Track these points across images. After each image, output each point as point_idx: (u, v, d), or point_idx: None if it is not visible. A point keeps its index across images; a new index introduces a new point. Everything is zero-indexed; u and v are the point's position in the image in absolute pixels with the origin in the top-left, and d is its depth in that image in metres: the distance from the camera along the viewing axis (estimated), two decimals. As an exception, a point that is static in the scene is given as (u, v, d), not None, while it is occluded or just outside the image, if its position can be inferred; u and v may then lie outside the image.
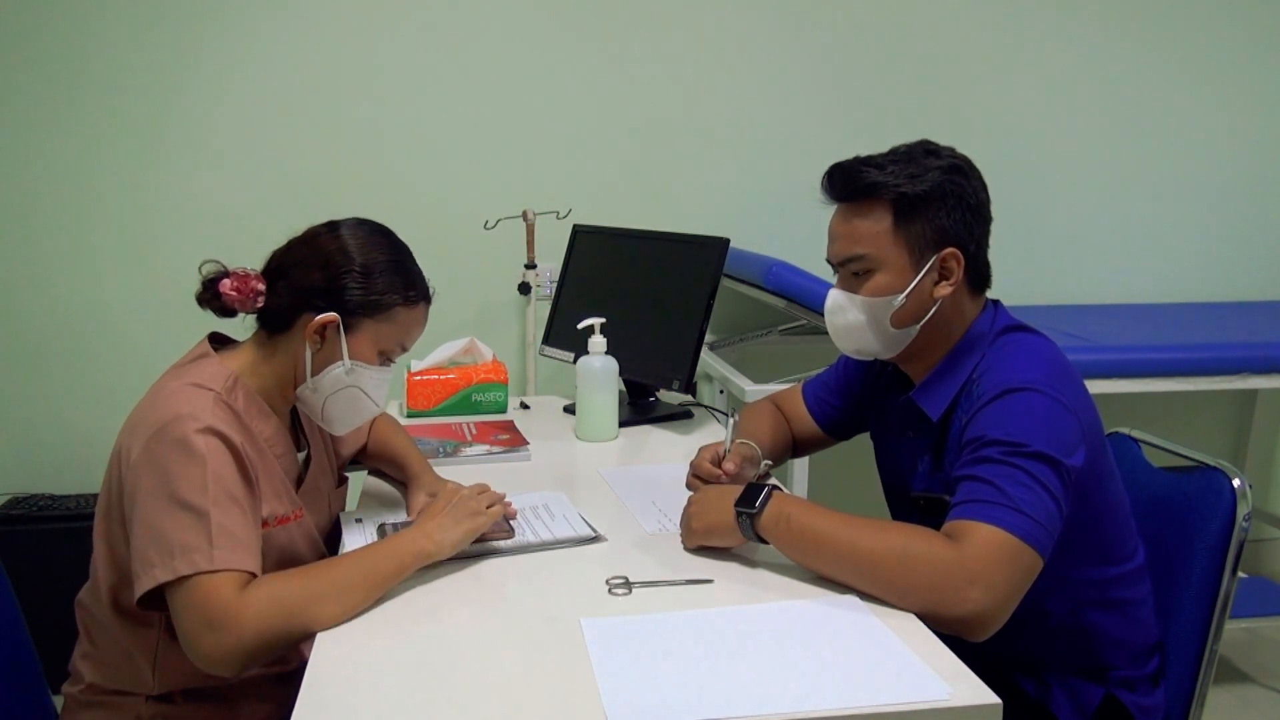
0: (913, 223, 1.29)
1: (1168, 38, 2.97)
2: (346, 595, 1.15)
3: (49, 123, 2.58)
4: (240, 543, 1.15)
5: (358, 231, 1.32)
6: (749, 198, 2.86)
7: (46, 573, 2.01)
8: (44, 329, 2.65)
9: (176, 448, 1.15)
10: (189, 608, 1.11)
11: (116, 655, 1.28)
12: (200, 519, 1.13)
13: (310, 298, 1.28)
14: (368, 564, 1.19)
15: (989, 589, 1.07)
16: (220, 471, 1.17)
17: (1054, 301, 3.02)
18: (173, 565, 1.11)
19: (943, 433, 1.34)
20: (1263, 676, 2.58)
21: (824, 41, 2.83)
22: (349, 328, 1.29)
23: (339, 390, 1.31)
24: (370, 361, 1.32)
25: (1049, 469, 1.14)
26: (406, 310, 1.32)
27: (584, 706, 0.95)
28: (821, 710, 0.93)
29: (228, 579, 1.12)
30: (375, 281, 1.29)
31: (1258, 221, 3.10)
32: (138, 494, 1.16)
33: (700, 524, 1.30)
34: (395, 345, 1.34)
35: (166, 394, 1.22)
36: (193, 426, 1.16)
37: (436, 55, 2.69)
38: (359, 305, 1.28)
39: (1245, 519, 1.32)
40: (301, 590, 1.14)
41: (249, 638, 1.10)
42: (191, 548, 1.12)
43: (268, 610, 1.11)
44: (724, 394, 2.46)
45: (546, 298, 2.64)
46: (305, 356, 1.29)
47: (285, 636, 1.12)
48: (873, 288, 1.32)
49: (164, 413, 1.18)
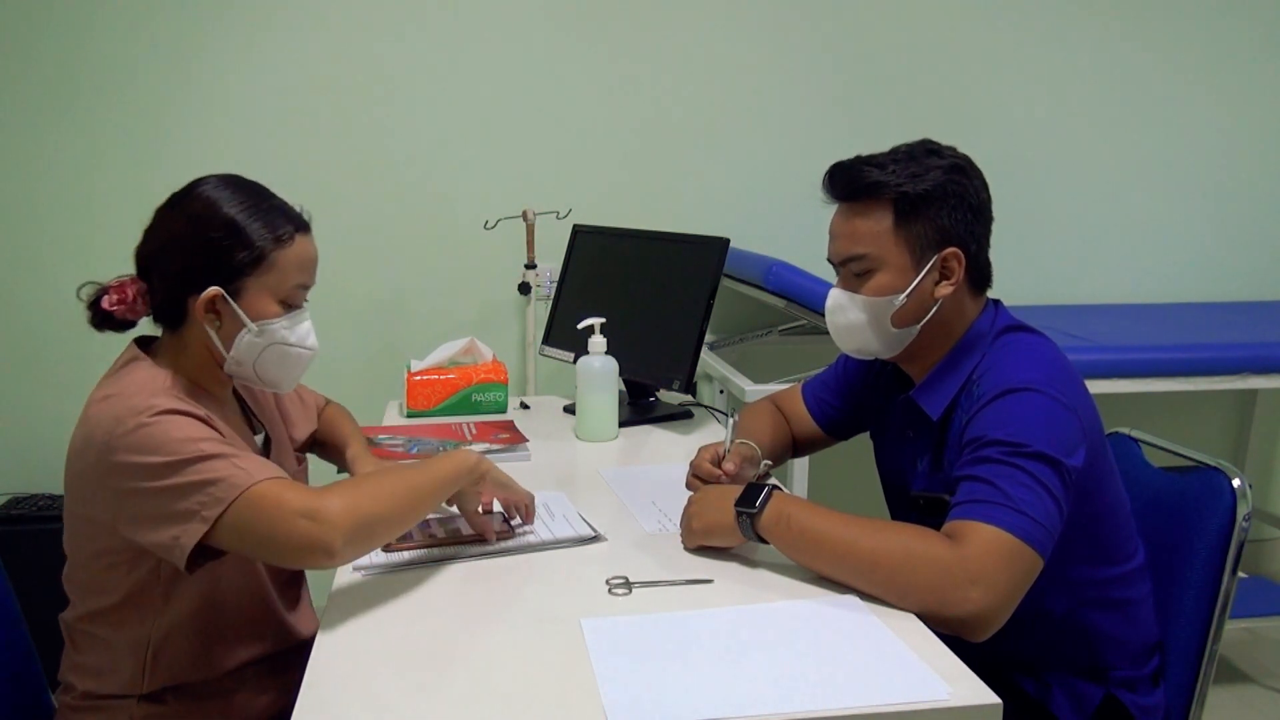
0: (914, 222, 1.29)
1: (1168, 38, 2.97)
2: (421, 495, 1.22)
3: (50, 123, 2.58)
4: (260, 463, 1.15)
5: (200, 196, 1.24)
6: (749, 198, 2.86)
7: (46, 573, 2.00)
8: (44, 329, 2.65)
9: (143, 436, 1.12)
10: (264, 513, 1.10)
11: (105, 661, 1.26)
12: (212, 458, 1.11)
13: (185, 280, 1.22)
14: (427, 474, 1.25)
15: (989, 589, 1.07)
16: (194, 431, 1.14)
17: (1054, 301, 3.02)
18: (215, 496, 1.10)
19: (943, 432, 1.34)
20: (1263, 676, 2.58)
21: (824, 41, 2.83)
22: (235, 293, 1.23)
23: (261, 353, 1.27)
24: (275, 315, 1.26)
25: (1049, 469, 1.15)
26: (283, 251, 1.25)
27: (584, 706, 0.95)
28: (821, 710, 0.93)
29: (279, 483, 1.12)
30: (237, 239, 1.22)
31: (1258, 221, 3.10)
32: (126, 502, 1.13)
33: (700, 524, 1.30)
34: (292, 288, 1.27)
35: (105, 404, 1.17)
36: (145, 413, 1.13)
37: (437, 55, 2.69)
38: (233, 269, 1.22)
39: (1245, 519, 1.32)
40: (370, 487, 1.19)
41: (342, 517, 1.11)
42: (225, 476, 1.11)
43: (349, 497, 1.13)
44: (724, 394, 2.45)
45: (546, 298, 2.64)
46: (212, 336, 1.24)
47: (368, 529, 1.14)
48: (874, 287, 1.32)
49: (111, 418, 1.14)
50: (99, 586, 1.23)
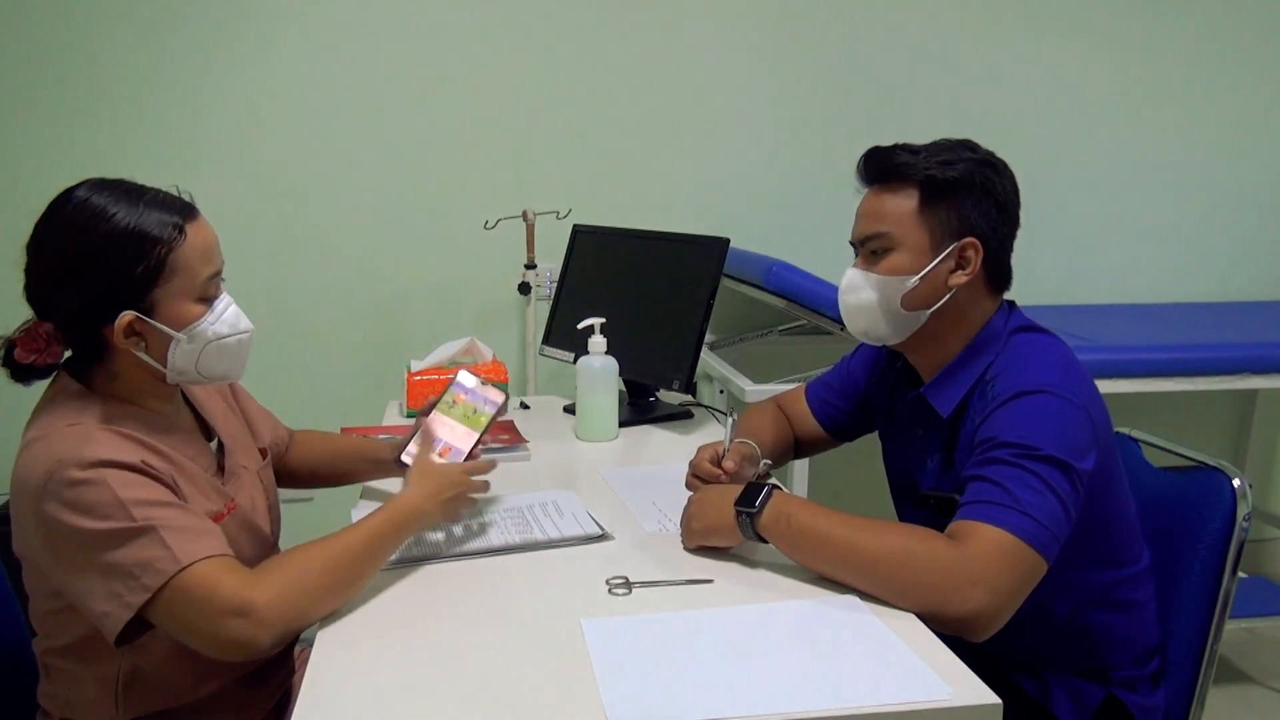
0: (938, 207, 1.30)
1: (1170, 38, 2.97)
2: (358, 569, 1.17)
3: (47, 124, 2.57)
4: (196, 532, 1.09)
5: (68, 220, 1.13)
6: (749, 198, 2.86)
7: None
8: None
9: (72, 492, 1.05)
10: (192, 606, 1.05)
11: (75, 694, 1.22)
12: (141, 535, 1.05)
13: (91, 313, 1.13)
14: (375, 539, 1.20)
15: (991, 590, 1.07)
16: (131, 493, 1.07)
17: (1056, 301, 3.02)
18: (142, 584, 1.05)
19: (953, 431, 1.33)
20: (1263, 676, 2.58)
21: (825, 40, 2.83)
22: (149, 309, 1.13)
23: (199, 356, 1.18)
24: (196, 316, 1.16)
25: (1060, 473, 1.14)
26: (182, 249, 1.14)
27: (584, 706, 0.95)
28: (821, 710, 0.93)
29: (210, 567, 1.07)
30: (127, 254, 1.11)
31: (1258, 221, 3.10)
32: (58, 560, 1.08)
33: (700, 524, 1.30)
34: (204, 281, 1.17)
35: (39, 446, 1.10)
36: (78, 466, 1.06)
37: (436, 55, 2.69)
38: (135, 286, 1.12)
39: (1245, 519, 1.32)
40: (313, 561, 1.13)
41: (274, 615, 1.07)
42: (151, 560, 1.05)
43: (282, 587, 1.09)
44: (724, 394, 2.45)
45: (546, 298, 2.65)
46: (143, 358, 1.16)
47: (300, 618, 1.10)
48: (888, 266, 1.32)
49: (42, 466, 1.07)
50: (59, 624, 1.19)
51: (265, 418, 1.52)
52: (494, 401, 1.45)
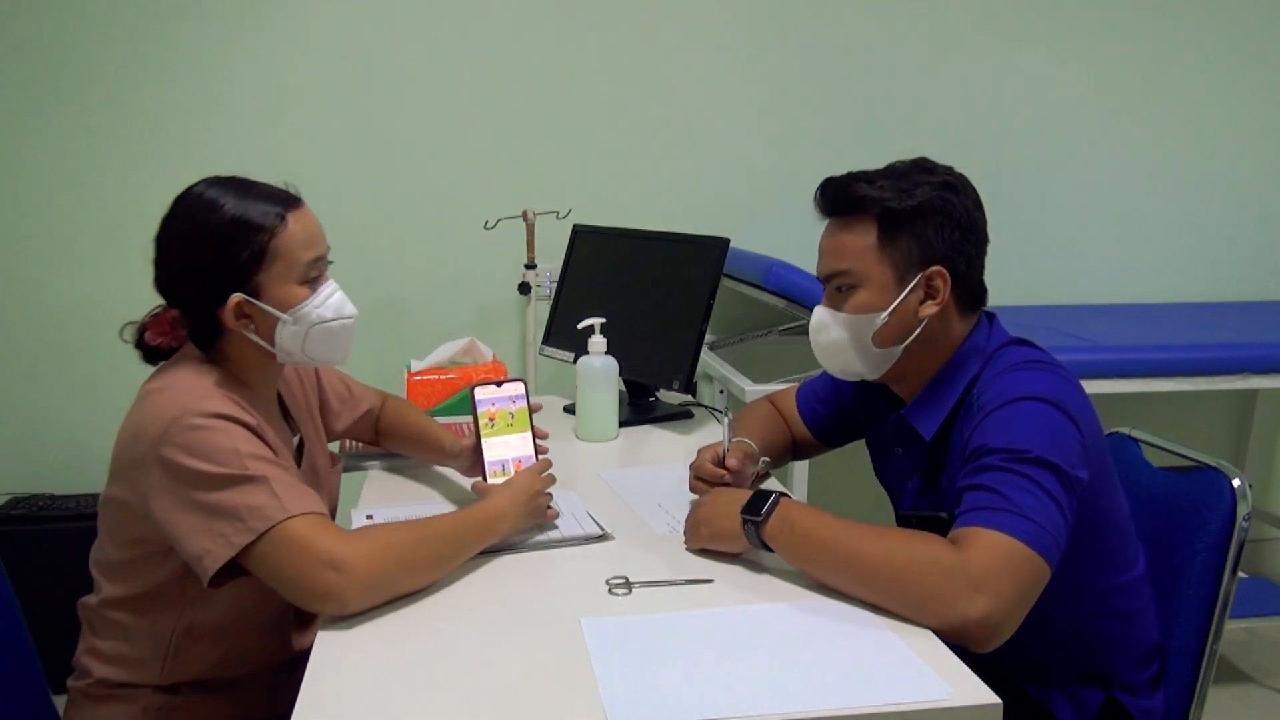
0: (897, 239, 1.27)
1: (1167, 37, 2.97)
2: (444, 553, 1.21)
3: (46, 124, 2.58)
4: (301, 491, 1.16)
5: (185, 214, 1.24)
6: (749, 198, 2.86)
7: (46, 573, 2.00)
8: (43, 330, 2.65)
9: (194, 438, 1.14)
10: (291, 554, 1.11)
11: (125, 651, 1.28)
12: (253, 482, 1.13)
13: (206, 298, 1.24)
14: (462, 529, 1.25)
15: (996, 596, 1.04)
16: (247, 446, 1.16)
17: (1054, 301, 3.02)
18: (249, 526, 1.11)
19: (937, 451, 1.32)
20: (1263, 676, 2.58)
21: (824, 41, 2.83)
22: (256, 292, 1.24)
23: (304, 338, 1.28)
24: (301, 299, 1.27)
25: (1052, 475, 1.12)
26: (283, 235, 1.24)
27: (584, 706, 0.95)
28: (821, 710, 0.93)
29: (312, 521, 1.13)
30: (233, 241, 1.22)
31: (1258, 221, 3.10)
32: (169, 500, 1.15)
33: (708, 529, 1.28)
34: (306, 265, 1.27)
35: (162, 396, 1.19)
36: (199, 415, 1.15)
37: (436, 55, 2.70)
38: (242, 270, 1.23)
39: (1245, 519, 1.32)
40: (404, 536, 1.18)
41: (365, 574, 1.11)
42: (259, 505, 1.12)
43: (375, 550, 1.13)
44: (724, 394, 2.45)
45: (546, 298, 2.64)
46: (253, 338, 1.26)
47: (392, 581, 1.14)
48: (855, 304, 1.30)
49: (166, 413, 1.16)
50: (130, 573, 1.25)
51: (348, 401, 1.62)
52: (518, 394, 1.45)
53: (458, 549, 1.24)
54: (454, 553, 1.23)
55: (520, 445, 1.43)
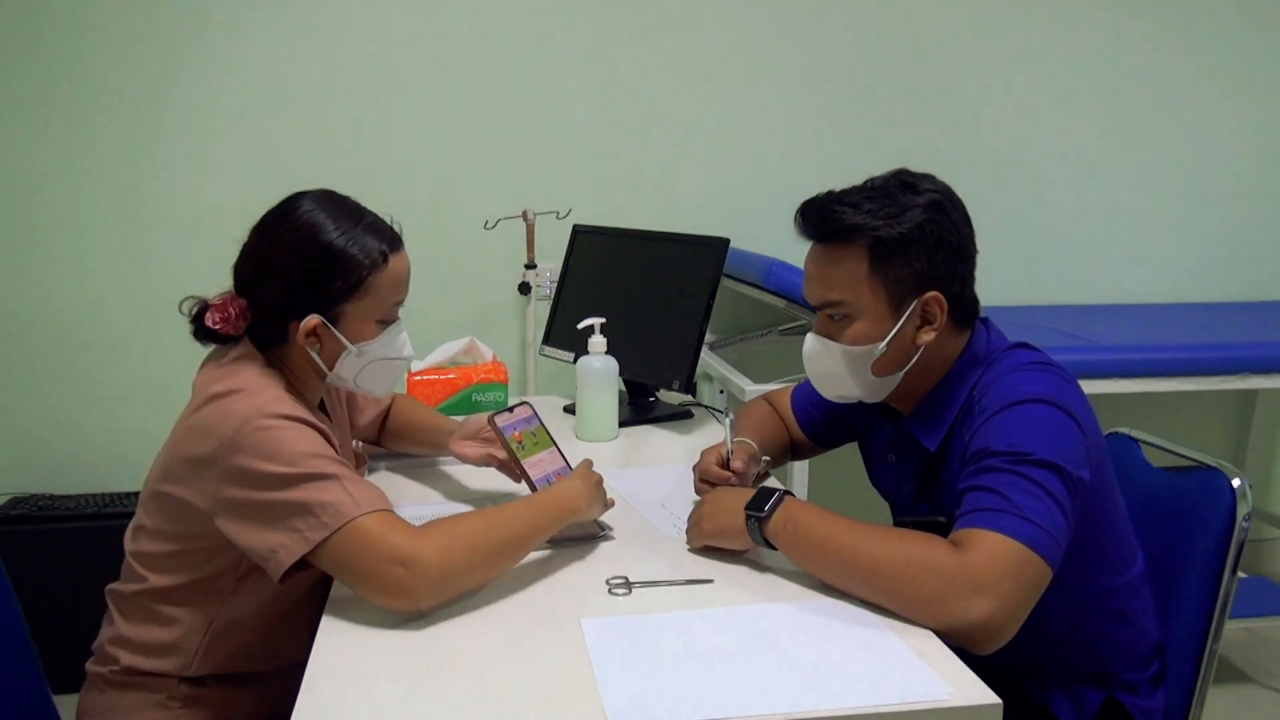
0: (890, 267, 1.24)
1: (1169, 37, 2.97)
2: (520, 532, 1.22)
3: (47, 124, 2.58)
4: (371, 490, 1.17)
5: (297, 221, 1.26)
6: (749, 198, 2.86)
7: (46, 573, 2.02)
8: (44, 330, 2.65)
9: (267, 438, 1.15)
10: (363, 551, 1.11)
11: (162, 639, 1.28)
12: (326, 479, 1.14)
13: (285, 306, 1.26)
14: (535, 509, 1.26)
15: (997, 598, 1.04)
16: (317, 447, 1.18)
17: (1054, 301, 3.02)
18: (323, 522, 1.12)
19: (934, 456, 1.32)
20: (1263, 676, 2.58)
21: (824, 40, 2.83)
22: (335, 319, 1.27)
23: (361, 370, 1.31)
24: (372, 336, 1.30)
25: (1054, 476, 1.12)
26: (381, 275, 1.27)
27: (584, 706, 0.95)
28: (821, 710, 0.93)
29: (382, 518, 1.14)
30: (336, 268, 1.24)
31: (1258, 221, 3.10)
32: (239, 499, 1.16)
33: (711, 525, 1.28)
34: (389, 307, 1.31)
35: (233, 399, 1.20)
36: (270, 417, 1.17)
37: (436, 55, 2.70)
38: (332, 297, 1.25)
39: (1245, 519, 1.32)
40: (474, 524, 1.19)
41: (435, 569, 1.11)
42: (334, 502, 1.13)
43: (444, 544, 1.14)
44: (724, 394, 2.45)
45: (546, 298, 2.64)
46: (314, 357, 1.29)
47: (465, 572, 1.15)
48: (852, 336, 1.27)
49: (237, 413, 1.17)
50: (176, 565, 1.26)
51: (371, 397, 1.62)
52: (529, 415, 1.46)
53: (531, 530, 1.24)
54: (527, 535, 1.24)
55: (552, 460, 1.44)
